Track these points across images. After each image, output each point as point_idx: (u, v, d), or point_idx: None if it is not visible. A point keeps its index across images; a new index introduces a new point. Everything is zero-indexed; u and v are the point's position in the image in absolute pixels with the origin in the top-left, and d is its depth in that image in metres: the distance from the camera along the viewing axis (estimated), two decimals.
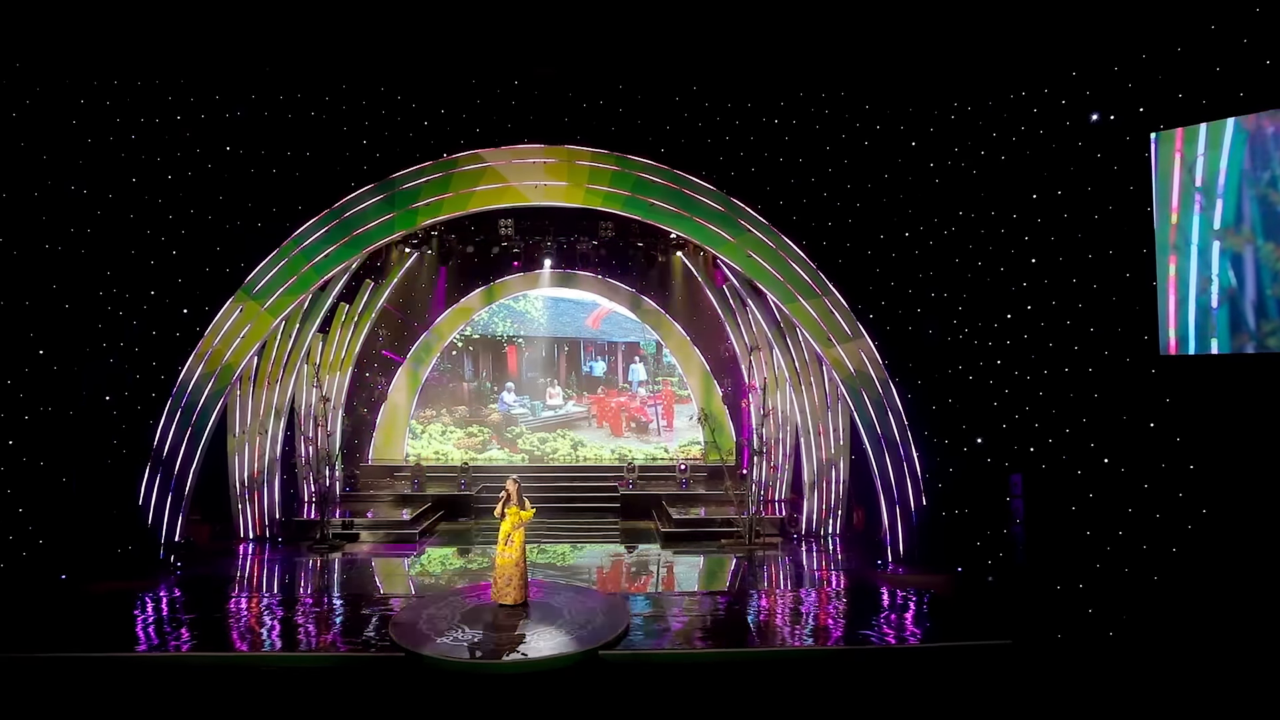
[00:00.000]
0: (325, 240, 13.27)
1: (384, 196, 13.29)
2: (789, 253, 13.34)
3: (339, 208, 13.27)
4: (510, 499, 10.66)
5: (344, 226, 13.28)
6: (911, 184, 13.11)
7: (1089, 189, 11.05)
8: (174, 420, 12.82)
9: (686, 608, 10.67)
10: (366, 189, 13.29)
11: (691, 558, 13.70)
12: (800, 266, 13.33)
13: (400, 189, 13.28)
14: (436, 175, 13.30)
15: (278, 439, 14.78)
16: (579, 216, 15.85)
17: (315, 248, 13.25)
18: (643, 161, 13.33)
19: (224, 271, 13.11)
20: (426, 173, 13.28)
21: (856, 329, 13.28)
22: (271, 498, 14.60)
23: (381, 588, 11.88)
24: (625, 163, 13.32)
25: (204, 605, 10.65)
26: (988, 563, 12.22)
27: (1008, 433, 12.13)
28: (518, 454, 19.01)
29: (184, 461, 12.79)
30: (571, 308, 19.23)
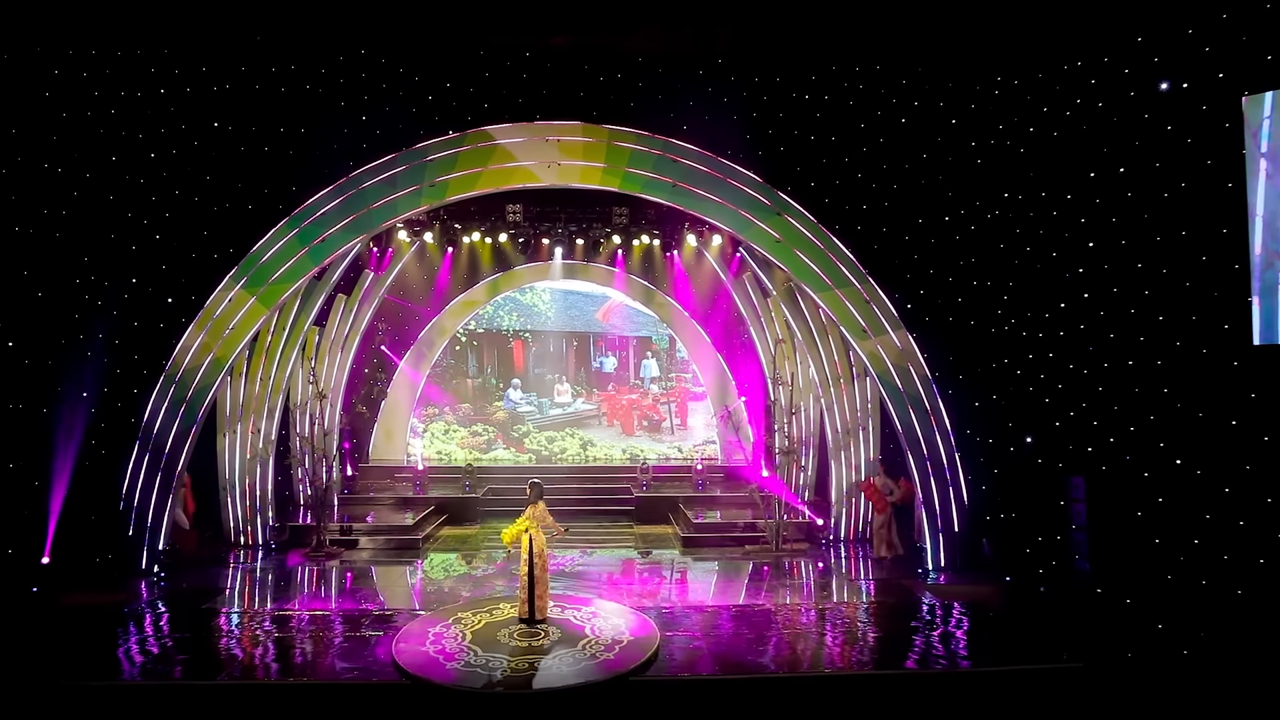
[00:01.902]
0: (321, 223, 12.19)
1: (385, 178, 12.22)
2: (821, 238, 12.32)
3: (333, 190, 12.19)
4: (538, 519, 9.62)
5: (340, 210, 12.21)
6: (953, 164, 12.11)
7: (1157, 164, 10.06)
8: (156, 419, 11.75)
9: (717, 623, 9.71)
10: (367, 169, 12.23)
11: (714, 565, 12.70)
12: (833, 252, 12.32)
13: (401, 169, 12.21)
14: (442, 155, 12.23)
15: (271, 438, 13.71)
16: (592, 202, 14.85)
17: (311, 230, 12.17)
18: (663, 140, 12.29)
19: (211, 258, 12.04)
20: (432, 151, 12.21)
21: (894, 320, 12.28)
22: (264, 501, 13.53)
23: (384, 601, 10.84)
24: (646, 140, 12.27)
25: (186, 621, 9.61)
26: (1039, 572, 11.26)
27: (1061, 431, 11.14)
28: (524, 454, 17.98)
29: (168, 464, 11.71)
30: (581, 300, 18.18)
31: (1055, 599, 10.45)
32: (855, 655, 8.87)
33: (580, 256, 16.88)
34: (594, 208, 14.78)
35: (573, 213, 14.90)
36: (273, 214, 12.14)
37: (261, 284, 12.11)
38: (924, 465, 12.20)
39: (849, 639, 9.32)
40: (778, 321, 15.18)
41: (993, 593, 10.98)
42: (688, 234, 14.93)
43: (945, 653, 8.83)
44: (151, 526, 11.65)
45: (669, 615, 10.00)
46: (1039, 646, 8.80)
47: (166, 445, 11.73)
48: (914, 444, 12.21)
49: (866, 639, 9.34)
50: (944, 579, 11.74)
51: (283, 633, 9.33)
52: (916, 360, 12.24)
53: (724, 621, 9.81)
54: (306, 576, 11.97)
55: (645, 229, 14.93)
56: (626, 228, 14.88)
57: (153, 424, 11.72)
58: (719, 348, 17.64)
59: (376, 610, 10.21)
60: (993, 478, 11.96)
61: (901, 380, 12.26)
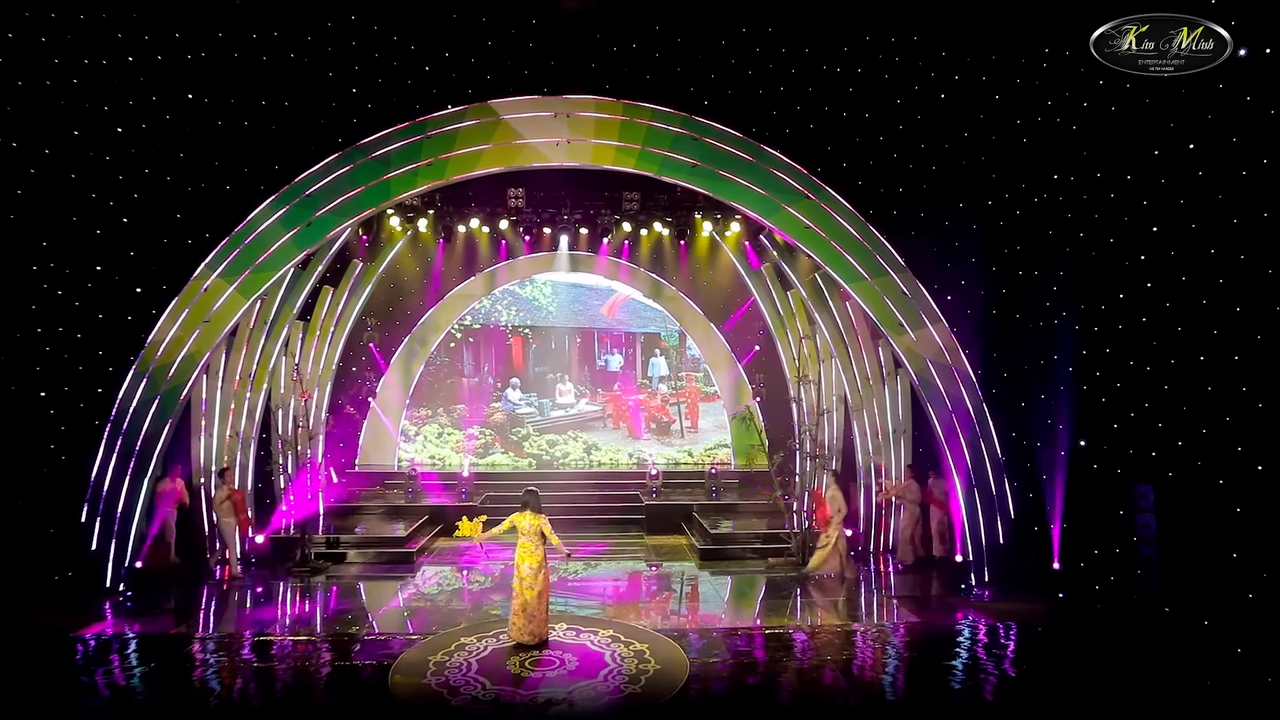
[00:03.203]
0: (306, 206, 11.25)
1: (376, 156, 11.29)
2: (853, 223, 11.50)
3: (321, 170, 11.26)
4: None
5: (328, 191, 11.28)
6: (995, 144, 11.33)
7: (1233, 139, 9.26)
8: (124, 420, 10.76)
9: (750, 648, 8.84)
10: (359, 146, 11.31)
11: (737, 580, 11.84)
12: (868, 240, 11.49)
13: (395, 146, 11.29)
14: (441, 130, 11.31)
15: (251, 443, 12.76)
16: (600, 186, 13.98)
17: (294, 215, 11.22)
18: (683, 116, 11.43)
19: (185, 243, 11.09)
20: (429, 127, 11.29)
21: (933, 313, 11.47)
22: None
23: (375, 624, 9.89)
24: (662, 116, 11.41)
25: (154, 650, 8.64)
26: (1095, 588, 10.45)
27: (1120, 434, 10.34)
28: (524, 458, 17.10)
29: (136, 471, 10.73)
30: (585, 294, 17.30)
31: (1117, 618, 9.65)
32: (914, 683, 8.02)
33: (585, 247, 16.02)
34: (603, 192, 13.93)
35: (579, 198, 14.02)
36: (254, 195, 11.22)
37: (240, 272, 11.19)
38: (965, 471, 11.40)
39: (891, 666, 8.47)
40: (799, 317, 14.37)
41: (1044, 612, 10.19)
42: (704, 221, 14.05)
43: (999, 676, 8.01)
44: (118, 540, 10.66)
45: (695, 638, 9.11)
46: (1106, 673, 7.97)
47: (135, 449, 10.74)
48: (954, 448, 11.40)
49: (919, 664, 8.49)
50: (989, 595, 10.93)
51: (263, 662, 8.38)
52: (958, 357, 11.44)
53: (757, 646, 8.94)
54: (290, 595, 11.02)
55: (658, 216, 14.05)
56: (638, 214, 14.00)
57: (119, 426, 10.73)
58: (733, 345, 16.80)
59: (368, 634, 9.28)
60: (1042, 484, 11.16)
61: (941, 379, 11.44)
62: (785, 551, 12.56)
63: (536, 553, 8.73)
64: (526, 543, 8.73)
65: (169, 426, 10.98)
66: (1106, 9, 9.97)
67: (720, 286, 16.41)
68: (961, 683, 8.00)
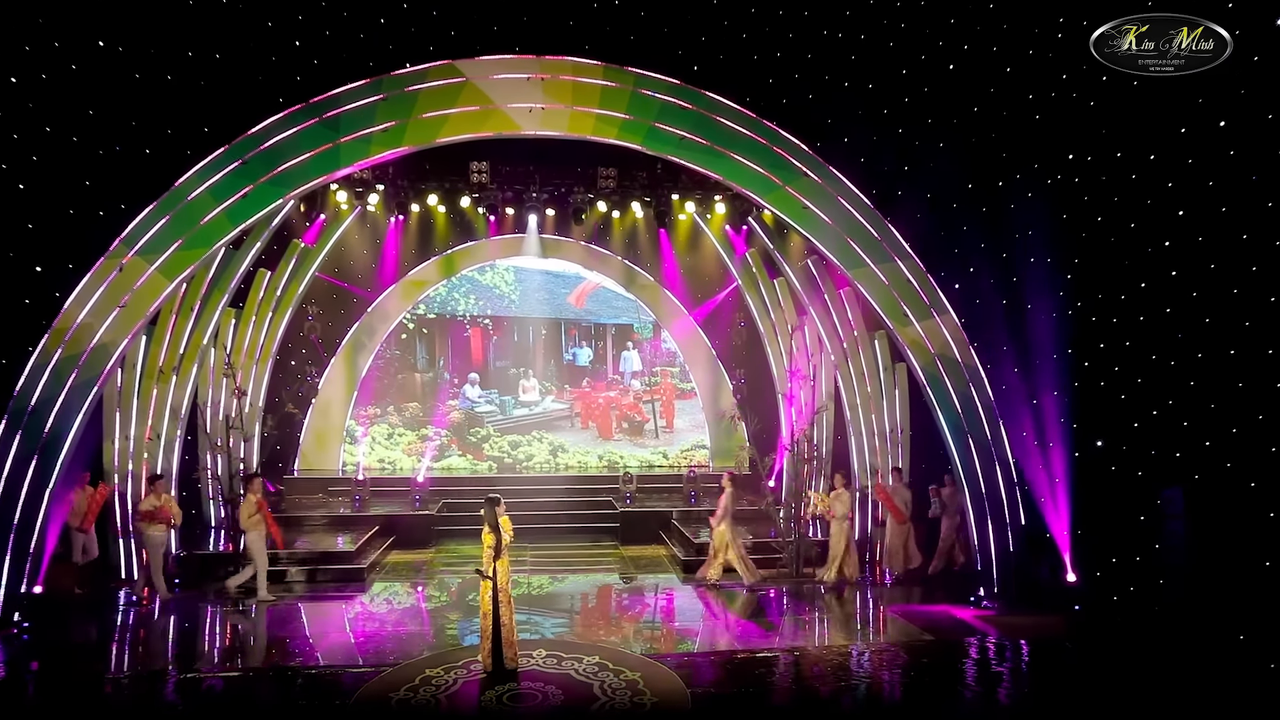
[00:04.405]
0: (242, 175, 10.19)
1: (324, 119, 10.29)
2: (854, 203, 10.92)
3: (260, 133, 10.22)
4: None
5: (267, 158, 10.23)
6: (1007, 120, 10.86)
7: (1269, 116, 8.91)
8: (20, 424, 9.57)
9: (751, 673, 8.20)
10: (299, 109, 10.28)
11: (727, 595, 11.18)
12: (869, 221, 10.93)
13: (346, 109, 10.30)
14: (396, 91, 10.36)
15: (175, 447, 11.69)
16: (573, 162, 13.18)
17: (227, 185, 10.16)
18: (669, 82, 10.69)
19: (96, 215, 9.97)
20: (383, 87, 10.34)
21: (939, 301, 10.96)
22: None
23: (320, 655, 8.93)
24: (647, 83, 10.65)
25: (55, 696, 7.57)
26: (1113, 599, 10.07)
27: (1140, 434, 9.97)
28: (483, 461, 16.26)
29: (35, 480, 9.55)
30: (551, 281, 16.52)
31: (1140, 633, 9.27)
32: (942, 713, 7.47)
33: (554, 228, 15.20)
34: (576, 168, 13.11)
35: (550, 174, 13.18)
36: (179, 160, 10.12)
37: (163, 250, 10.06)
38: (973, 473, 10.93)
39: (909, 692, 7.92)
40: (787, 308, 13.80)
41: (1059, 624, 9.80)
42: (686, 201, 13.35)
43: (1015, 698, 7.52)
44: (14, 560, 9.46)
45: (690, 664, 8.43)
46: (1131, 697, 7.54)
47: (35, 453, 9.56)
48: (961, 448, 10.92)
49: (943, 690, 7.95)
50: (998, 608, 10.48)
51: (189, 706, 7.38)
52: (965, 350, 10.96)
53: (761, 671, 8.29)
54: (221, 622, 9.99)
55: (636, 195, 13.30)
56: (614, 193, 13.23)
57: (16, 427, 9.53)
58: (713, 338, 16.17)
59: (315, 668, 8.35)
60: (1055, 488, 10.75)
61: (948, 373, 10.95)
62: (778, 562, 11.96)
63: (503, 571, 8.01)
64: (504, 556, 7.98)
65: (76, 427, 9.82)
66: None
67: (701, 274, 15.78)
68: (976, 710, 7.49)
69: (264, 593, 10.58)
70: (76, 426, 9.83)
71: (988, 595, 10.76)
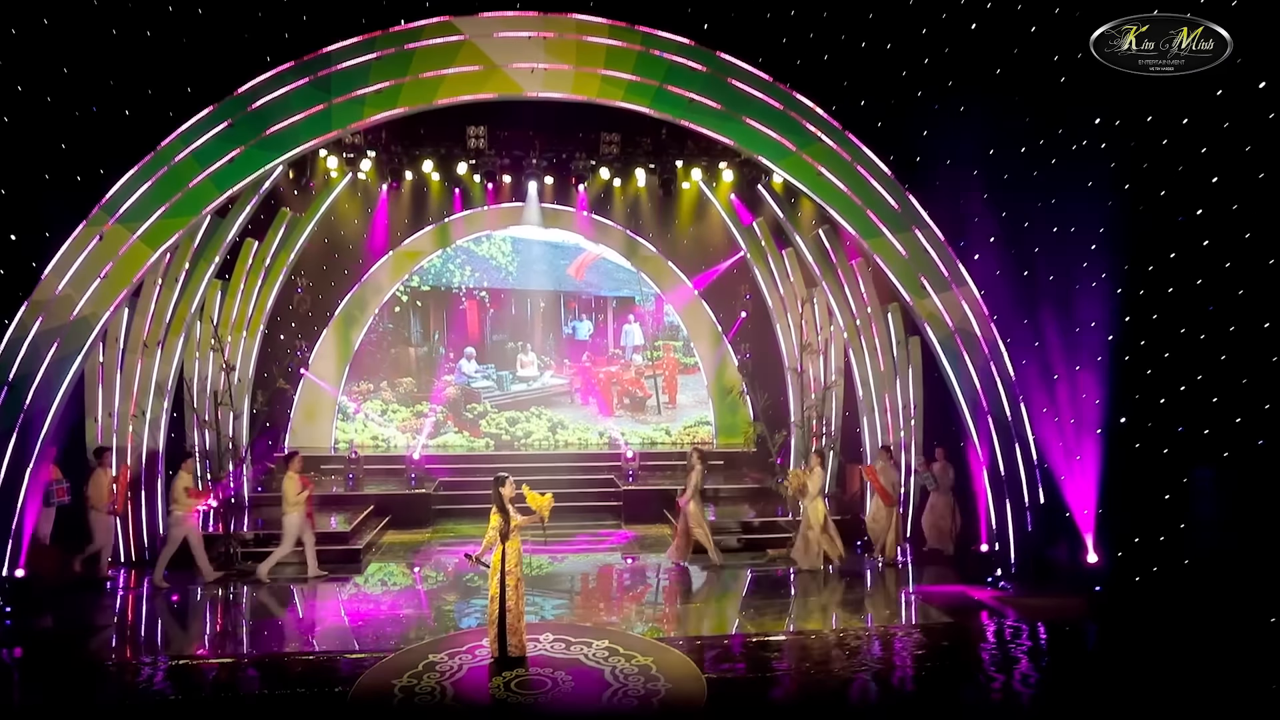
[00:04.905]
0: (227, 139, 9.87)
1: (316, 78, 9.96)
2: (871, 169, 10.72)
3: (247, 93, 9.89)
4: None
5: (255, 120, 9.91)
6: (1032, 82, 10.58)
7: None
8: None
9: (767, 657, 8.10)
10: (289, 68, 9.95)
11: (737, 575, 11.09)
12: (886, 188, 10.71)
13: (339, 68, 9.98)
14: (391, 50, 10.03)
15: (161, 424, 11.44)
16: (574, 127, 12.86)
17: (212, 149, 9.83)
18: (679, 42, 10.39)
19: (74, 180, 9.64)
20: (377, 45, 10.00)
21: (958, 273, 10.78)
22: (152, 506, 11.24)
23: (317, 639, 8.79)
24: (655, 42, 10.35)
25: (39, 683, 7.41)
26: (1134, 579, 9.99)
27: (1168, 411, 9.84)
28: (480, 438, 16.08)
29: (13, 461, 9.31)
30: (550, 252, 16.24)
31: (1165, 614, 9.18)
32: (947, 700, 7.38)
33: (553, 197, 14.88)
34: (578, 133, 12.79)
35: (551, 139, 12.86)
36: (162, 123, 9.82)
37: (145, 217, 9.82)
38: (991, 450, 10.81)
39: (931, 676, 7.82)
40: (796, 279, 13.59)
41: (1079, 606, 9.71)
42: (692, 168, 13.05)
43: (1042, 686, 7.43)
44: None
45: (704, 648, 8.30)
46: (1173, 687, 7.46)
47: (12, 434, 9.32)
48: (980, 425, 10.78)
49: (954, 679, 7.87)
50: (1016, 589, 10.39)
51: (181, 694, 7.22)
52: (985, 323, 10.79)
53: (775, 654, 8.19)
54: (212, 605, 9.82)
55: (640, 161, 13.00)
56: (617, 159, 12.92)
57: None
58: (718, 311, 15.94)
59: (312, 653, 8.20)
60: (1075, 466, 10.64)
61: (966, 348, 10.79)
62: (787, 542, 11.84)
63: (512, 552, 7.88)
64: (515, 538, 7.84)
65: (57, 404, 9.57)
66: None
67: (705, 244, 15.51)
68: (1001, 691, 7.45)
69: (315, 569, 10.56)
70: (57, 403, 9.60)
71: (1005, 576, 10.68)
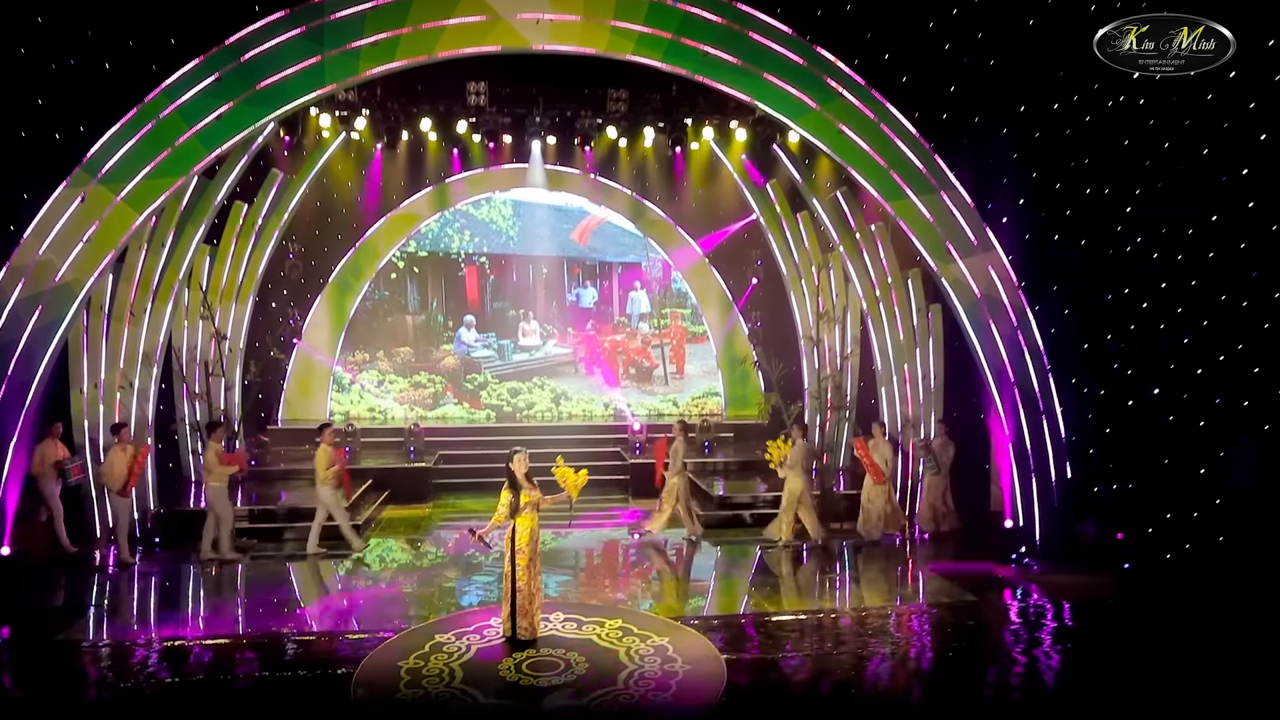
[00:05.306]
0: (215, 94, 9.50)
1: (309, 29, 9.57)
2: (895, 128, 10.40)
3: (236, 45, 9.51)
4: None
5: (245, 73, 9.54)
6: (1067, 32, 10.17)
7: None
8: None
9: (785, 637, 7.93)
10: (280, 18, 9.57)
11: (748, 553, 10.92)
12: (911, 148, 10.40)
13: (332, 18, 9.59)
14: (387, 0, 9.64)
15: (150, 395, 11.23)
16: (580, 83, 12.46)
17: (199, 105, 9.47)
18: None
19: (53, 139, 9.34)
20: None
21: (985, 237, 10.48)
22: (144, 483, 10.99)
23: (317, 618, 8.62)
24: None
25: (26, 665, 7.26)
26: (1166, 556, 9.83)
27: (1204, 381, 9.61)
28: (480, 409, 15.93)
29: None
30: (552, 216, 15.95)
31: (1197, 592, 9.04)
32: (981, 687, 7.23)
33: (556, 157, 14.53)
34: (583, 89, 12.40)
35: (555, 96, 12.48)
36: (144, 76, 9.45)
37: (129, 177, 9.50)
38: (1016, 420, 10.59)
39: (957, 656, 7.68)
40: (811, 244, 13.29)
41: (1107, 584, 9.57)
42: (703, 127, 12.69)
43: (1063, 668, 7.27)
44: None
45: (721, 627, 8.15)
46: None
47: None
48: (1005, 397, 10.55)
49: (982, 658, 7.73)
50: (1040, 566, 10.24)
51: (177, 676, 7.04)
52: (1013, 290, 10.51)
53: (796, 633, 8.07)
54: (205, 584, 9.66)
55: (649, 119, 12.64)
56: (625, 117, 12.56)
57: None
58: (728, 278, 15.66)
59: (310, 634, 8.05)
60: (1105, 438, 10.44)
61: (993, 315, 10.52)
62: None
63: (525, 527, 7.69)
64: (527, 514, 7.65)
65: (40, 374, 9.32)
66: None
67: (716, 208, 15.20)
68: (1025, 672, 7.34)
69: (356, 541, 10.47)
70: (40, 373, 9.34)
71: (1030, 553, 10.52)
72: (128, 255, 10.64)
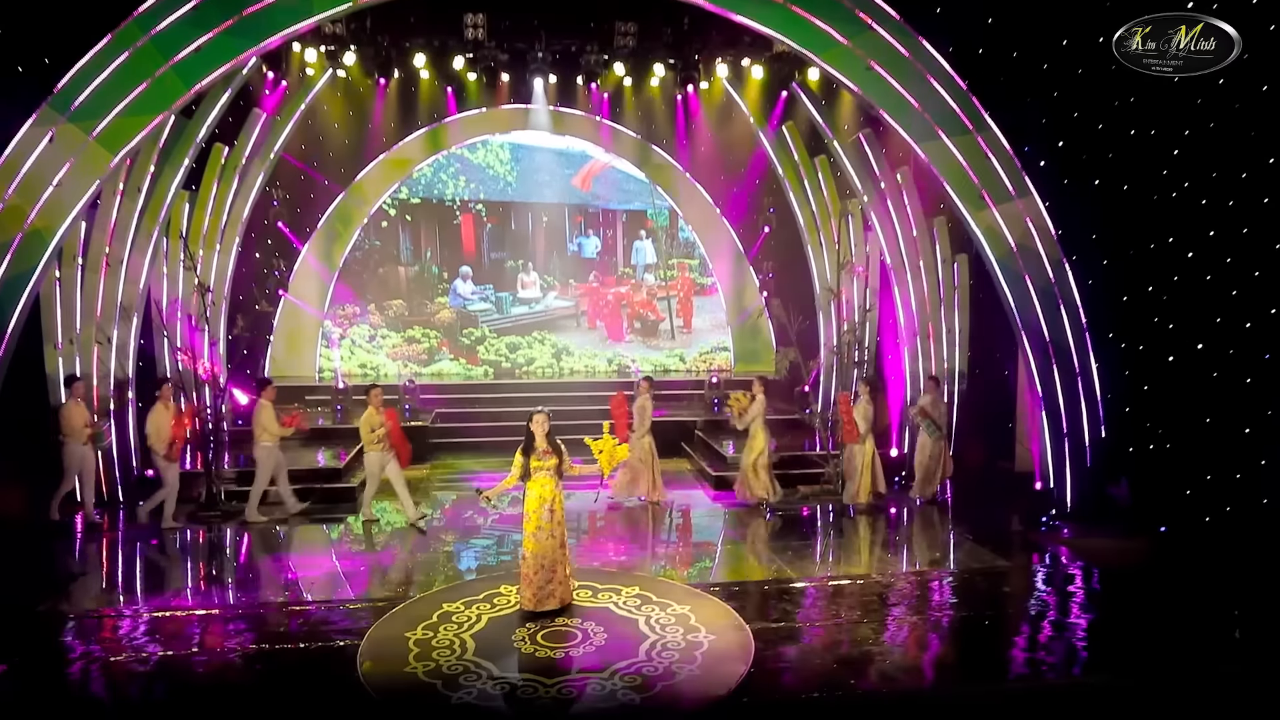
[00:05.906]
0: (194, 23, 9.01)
1: None
2: (929, 64, 9.98)
3: None
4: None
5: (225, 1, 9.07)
6: None
7: None
8: None
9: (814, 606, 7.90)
10: None
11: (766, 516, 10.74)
12: (944, 86, 10.01)
13: None
14: None
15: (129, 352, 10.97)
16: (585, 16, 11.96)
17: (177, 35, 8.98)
18: None
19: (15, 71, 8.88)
20: None
21: (1021, 183, 10.16)
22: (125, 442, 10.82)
23: (310, 589, 8.42)
24: None
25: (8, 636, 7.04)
26: (1205, 520, 9.71)
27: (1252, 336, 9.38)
28: (478, 366, 15.82)
29: None
30: (552, 160, 15.62)
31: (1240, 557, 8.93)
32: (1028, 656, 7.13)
33: (558, 96, 14.08)
34: (588, 23, 11.92)
35: (558, 29, 12.01)
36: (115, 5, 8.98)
37: (100, 115, 9.05)
38: (1049, 378, 10.40)
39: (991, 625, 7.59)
40: (830, 191, 12.94)
41: (1143, 548, 9.49)
42: (716, 64, 12.23)
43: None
44: None
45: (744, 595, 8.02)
46: None
47: None
48: (1039, 349, 10.33)
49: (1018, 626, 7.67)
50: (1071, 530, 10.12)
51: (169, 649, 6.84)
52: (1049, 239, 10.23)
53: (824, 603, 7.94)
54: (194, 549, 9.52)
55: (659, 55, 12.18)
56: (633, 53, 12.09)
57: None
58: (738, 225, 15.34)
59: (309, 603, 7.90)
60: (1141, 396, 10.23)
61: (1028, 267, 10.24)
62: (820, 478, 11.54)
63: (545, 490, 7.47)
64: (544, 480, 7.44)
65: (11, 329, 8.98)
66: None
67: (727, 152, 14.83)
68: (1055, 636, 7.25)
69: (413, 512, 10.18)
70: (10, 328, 9.00)
71: (1060, 516, 10.40)
72: (102, 200, 10.27)
